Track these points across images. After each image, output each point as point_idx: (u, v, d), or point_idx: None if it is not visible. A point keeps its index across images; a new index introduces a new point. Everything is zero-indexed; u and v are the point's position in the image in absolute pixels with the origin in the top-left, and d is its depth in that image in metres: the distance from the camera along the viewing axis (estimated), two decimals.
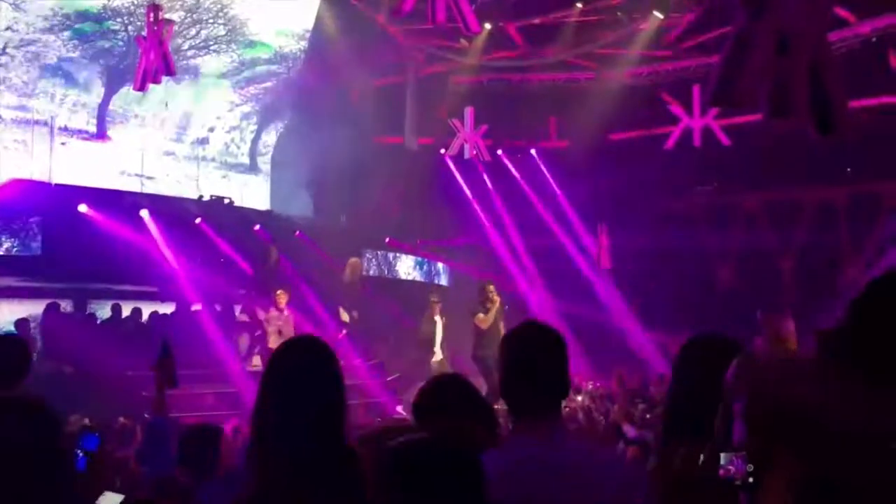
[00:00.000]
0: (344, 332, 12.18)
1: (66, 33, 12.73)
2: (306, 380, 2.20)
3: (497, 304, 10.35)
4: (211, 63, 14.51)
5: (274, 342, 10.76)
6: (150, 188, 14.14)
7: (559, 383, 2.25)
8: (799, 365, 1.81)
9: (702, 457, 1.71)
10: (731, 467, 1.64)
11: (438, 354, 11.54)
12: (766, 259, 15.03)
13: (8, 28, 12.14)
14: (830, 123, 4.28)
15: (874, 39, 11.94)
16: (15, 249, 12.10)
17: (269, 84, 15.52)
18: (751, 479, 1.63)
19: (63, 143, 13.08)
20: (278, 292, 11.30)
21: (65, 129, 13.20)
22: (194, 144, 15.11)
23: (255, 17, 14.27)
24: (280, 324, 11.12)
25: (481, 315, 10.21)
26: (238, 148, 15.86)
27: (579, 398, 9.79)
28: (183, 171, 14.91)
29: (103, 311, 12.02)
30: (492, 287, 10.56)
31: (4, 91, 12.50)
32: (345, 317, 12.48)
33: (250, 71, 15.13)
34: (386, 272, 17.05)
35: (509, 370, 2.29)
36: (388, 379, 12.34)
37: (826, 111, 4.28)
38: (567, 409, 8.42)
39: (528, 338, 2.31)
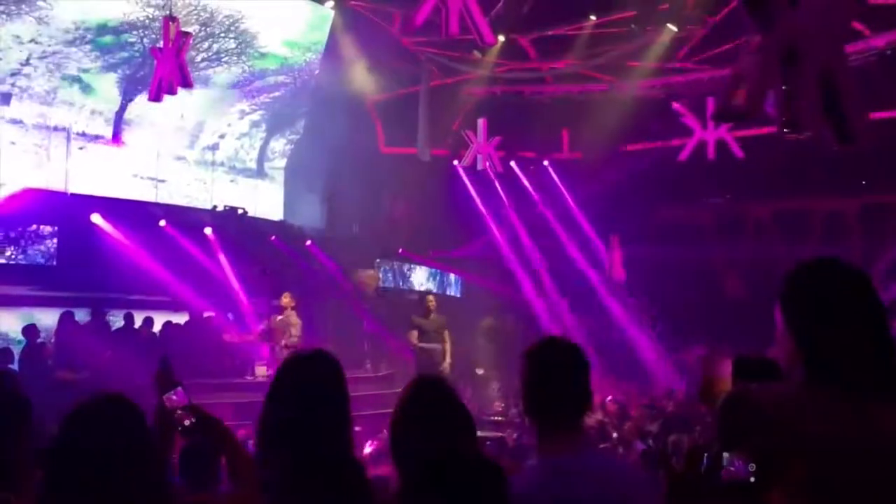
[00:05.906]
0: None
1: (87, 46, 12.95)
2: (315, 390, 2.26)
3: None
4: (222, 74, 14.66)
5: (286, 342, 10.77)
6: (161, 190, 14.29)
7: (582, 398, 2.33)
8: (786, 388, 1.85)
9: (705, 459, 1.75)
10: (731, 468, 1.66)
11: (445, 365, 10.59)
12: (776, 269, 14.91)
13: (32, 40, 12.37)
14: (848, 134, 4.27)
15: (889, 52, 11.90)
16: (30, 258, 12.22)
17: (277, 94, 15.67)
18: (752, 479, 1.65)
19: (81, 148, 13.26)
20: (284, 295, 11.33)
21: (82, 135, 13.39)
22: (205, 150, 15.27)
23: (265, 31, 14.44)
24: (288, 324, 11.06)
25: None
26: (247, 154, 16.02)
27: (596, 414, 9.74)
28: (193, 174, 15.07)
29: (117, 320, 12.09)
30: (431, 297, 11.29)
31: (27, 99, 12.70)
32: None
33: (260, 81, 15.27)
34: (401, 283, 17.07)
35: (535, 385, 2.34)
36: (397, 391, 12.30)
37: (842, 121, 4.26)
38: None
39: (553, 354, 2.37)
